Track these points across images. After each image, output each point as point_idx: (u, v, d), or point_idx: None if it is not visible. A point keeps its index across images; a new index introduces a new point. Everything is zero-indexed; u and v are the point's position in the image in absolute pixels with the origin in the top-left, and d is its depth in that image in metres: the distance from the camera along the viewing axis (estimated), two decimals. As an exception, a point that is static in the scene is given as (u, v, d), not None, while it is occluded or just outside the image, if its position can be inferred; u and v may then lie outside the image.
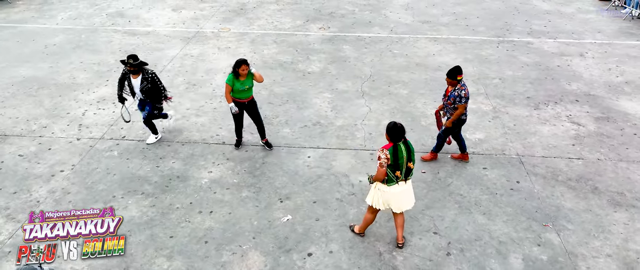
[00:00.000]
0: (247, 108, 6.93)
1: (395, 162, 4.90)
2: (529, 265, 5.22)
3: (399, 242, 5.42)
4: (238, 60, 6.62)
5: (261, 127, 7.12)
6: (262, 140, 7.21)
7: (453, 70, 6.35)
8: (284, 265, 5.19)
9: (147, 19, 12.85)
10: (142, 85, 6.87)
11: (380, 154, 4.92)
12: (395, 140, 4.92)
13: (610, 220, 5.88)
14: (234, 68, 6.62)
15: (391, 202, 5.13)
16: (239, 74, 6.60)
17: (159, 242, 5.48)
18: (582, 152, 7.24)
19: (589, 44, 11.52)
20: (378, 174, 4.95)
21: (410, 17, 13.26)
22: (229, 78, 6.66)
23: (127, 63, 6.75)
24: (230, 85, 6.64)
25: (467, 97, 6.31)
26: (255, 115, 7.01)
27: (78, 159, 6.93)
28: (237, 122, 7.03)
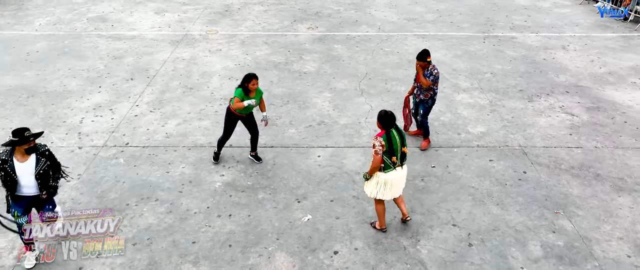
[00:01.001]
0: (246, 120, 6.60)
1: (390, 148, 5.10)
2: (547, 252, 5.41)
3: (406, 216, 5.66)
4: (248, 74, 6.19)
5: (256, 139, 6.78)
6: (252, 152, 6.88)
7: (423, 53, 6.72)
8: (312, 264, 5.21)
9: (131, 23, 12.58)
10: (39, 165, 4.89)
11: (374, 142, 5.09)
12: (387, 128, 5.12)
13: (616, 205, 6.15)
14: (243, 83, 6.19)
15: (393, 188, 5.29)
16: (249, 89, 6.20)
17: (182, 248, 5.41)
18: (580, 141, 7.53)
19: (569, 37, 11.96)
20: (374, 163, 5.12)
21: (396, 15, 13.44)
22: (238, 92, 6.20)
23: (22, 140, 4.72)
24: (240, 98, 6.19)
25: (438, 76, 6.84)
26: (253, 126, 6.66)
27: (83, 168, 6.75)
28: (228, 134, 6.62)
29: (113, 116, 8.06)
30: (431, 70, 6.79)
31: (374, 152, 5.09)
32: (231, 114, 6.46)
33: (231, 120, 6.53)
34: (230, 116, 6.50)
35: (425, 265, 5.22)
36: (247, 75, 6.21)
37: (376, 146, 5.07)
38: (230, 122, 6.55)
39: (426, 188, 6.42)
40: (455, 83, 9.41)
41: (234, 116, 6.46)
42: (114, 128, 7.73)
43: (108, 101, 8.55)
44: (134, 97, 8.69)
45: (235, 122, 6.54)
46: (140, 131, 7.64)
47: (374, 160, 5.12)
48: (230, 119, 6.53)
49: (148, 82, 9.27)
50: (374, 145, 5.08)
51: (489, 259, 5.31)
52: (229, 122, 6.55)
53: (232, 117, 6.49)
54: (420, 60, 6.75)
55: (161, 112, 8.20)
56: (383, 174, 5.21)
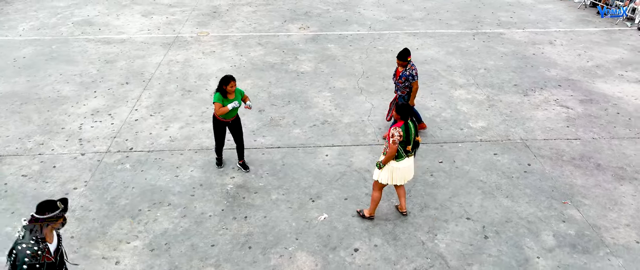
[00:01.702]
0: (232, 126, 6.39)
1: (407, 138, 5.27)
2: (560, 241, 5.56)
3: (404, 210, 5.83)
4: (226, 76, 6.00)
5: (241, 147, 6.58)
6: (239, 161, 6.68)
7: (403, 52, 6.89)
8: (334, 263, 5.24)
9: (119, 26, 12.35)
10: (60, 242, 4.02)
11: (394, 132, 5.21)
12: (405, 118, 5.27)
13: (619, 193, 6.37)
14: (221, 85, 5.99)
15: (403, 176, 5.47)
16: (227, 91, 6.01)
17: (202, 251, 5.36)
18: (578, 133, 7.76)
19: (555, 32, 12.29)
20: (391, 152, 5.25)
21: (384, 14, 13.56)
22: (216, 97, 6.05)
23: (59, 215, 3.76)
24: (221, 103, 6.05)
25: (417, 75, 6.99)
26: (238, 133, 6.47)
27: (89, 174, 6.62)
28: (220, 141, 6.51)
29: (113, 121, 7.92)
30: (410, 70, 6.91)
31: (392, 142, 5.21)
32: (216, 121, 6.31)
33: (218, 127, 6.36)
34: (216, 123, 6.34)
35: (444, 259, 5.30)
36: (225, 77, 6.00)
37: (395, 136, 5.20)
38: (217, 129, 6.39)
39: (436, 183, 6.52)
40: (452, 80, 9.56)
41: (220, 122, 6.29)
42: (115, 133, 7.59)
43: (106, 106, 8.39)
44: (132, 102, 8.55)
45: (223, 128, 6.37)
46: (143, 136, 7.53)
47: (391, 149, 5.24)
48: (216, 126, 6.37)
49: (144, 86, 9.13)
50: (393, 135, 5.21)
51: (505, 250, 5.43)
52: (216, 130, 6.40)
53: (219, 124, 6.32)
54: (401, 60, 6.90)
55: (162, 116, 8.09)
56: (395, 162, 5.36)
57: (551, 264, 5.24)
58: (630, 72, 10.04)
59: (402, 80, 7.00)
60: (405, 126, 5.26)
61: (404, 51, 6.90)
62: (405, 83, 7.01)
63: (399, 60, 6.94)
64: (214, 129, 6.44)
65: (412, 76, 6.93)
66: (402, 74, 6.97)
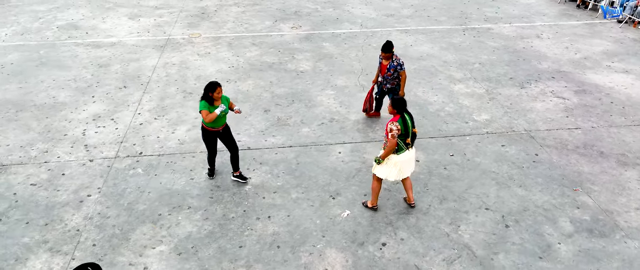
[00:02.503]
0: (222, 135, 6.10)
1: (405, 131, 5.36)
2: (577, 226, 5.76)
3: (412, 202, 5.95)
4: (212, 83, 5.68)
5: (236, 157, 6.27)
6: (235, 172, 6.39)
7: (387, 45, 7.08)
8: (364, 258, 5.29)
9: (106, 29, 12.07)
10: None
11: (391, 126, 5.30)
12: (401, 112, 5.36)
13: (625, 179, 6.63)
14: (207, 92, 5.69)
15: (403, 169, 5.56)
16: (214, 98, 5.72)
17: (231, 253, 5.32)
18: (577, 122, 8.03)
19: (540, 26, 12.65)
20: (390, 146, 5.33)
21: (374, 12, 13.68)
22: (203, 105, 5.73)
23: None
24: (208, 110, 5.76)
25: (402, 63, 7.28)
26: (230, 141, 6.17)
27: (101, 181, 6.47)
28: (212, 151, 6.23)
29: (117, 126, 7.75)
30: (397, 60, 7.20)
31: (391, 136, 5.29)
32: (206, 132, 6.00)
33: (209, 138, 6.07)
34: (206, 134, 6.03)
35: (471, 249, 5.42)
36: (210, 83, 5.68)
37: (393, 130, 5.28)
38: (208, 140, 6.09)
39: (451, 176, 6.64)
40: (449, 75, 9.74)
41: (210, 132, 5.99)
42: (121, 138, 7.43)
43: (107, 111, 8.20)
44: (133, 106, 8.39)
45: (214, 138, 6.09)
46: (150, 139, 7.40)
47: (390, 143, 5.32)
48: (207, 137, 6.06)
49: (143, 89, 8.96)
50: (392, 130, 5.29)
51: (527, 237, 5.59)
52: (207, 140, 6.10)
53: (209, 134, 6.02)
54: (386, 52, 7.08)
55: (167, 119, 7.97)
56: (396, 156, 5.46)
57: (572, 249, 5.42)
58: (616, 62, 10.44)
59: (392, 71, 7.23)
60: (402, 119, 5.34)
61: (388, 43, 7.08)
62: (394, 74, 7.26)
63: (384, 52, 7.13)
64: (204, 140, 6.13)
65: (400, 66, 7.20)
66: (390, 65, 7.19)
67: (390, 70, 7.23)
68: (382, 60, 7.30)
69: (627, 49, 11.23)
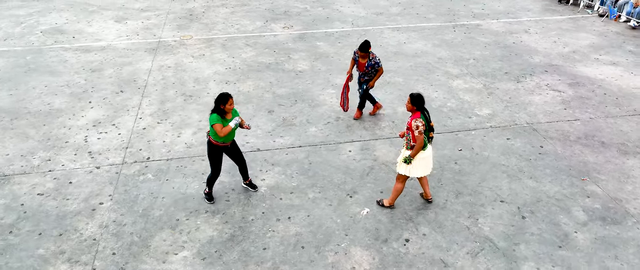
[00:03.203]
0: (230, 150, 5.82)
1: (428, 126, 5.41)
2: (590, 215, 5.92)
3: (429, 197, 6.03)
4: (223, 94, 5.36)
5: (245, 167, 6.06)
6: (245, 181, 6.19)
7: (365, 44, 7.24)
8: (390, 254, 5.31)
9: (93, 33, 11.77)
10: None
11: (417, 123, 5.32)
12: (421, 108, 5.39)
13: (628, 167, 6.85)
14: (218, 105, 5.36)
15: (428, 164, 5.61)
16: (226, 111, 5.41)
17: (255, 255, 5.27)
18: (575, 114, 8.25)
19: (527, 22, 12.94)
20: (419, 143, 5.35)
21: (363, 10, 13.74)
22: (214, 118, 5.39)
23: None
24: (221, 123, 5.42)
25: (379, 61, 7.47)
26: (238, 155, 5.93)
27: (111, 188, 6.30)
28: (217, 169, 5.79)
29: (119, 131, 7.57)
30: (374, 59, 7.38)
31: (418, 132, 5.31)
32: (213, 147, 5.61)
33: (215, 154, 5.66)
34: (213, 149, 5.62)
35: (492, 241, 5.50)
36: (221, 95, 5.36)
37: (420, 127, 5.30)
38: (215, 156, 5.67)
39: (462, 170, 6.74)
40: (446, 71, 9.86)
41: (218, 148, 5.62)
42: (126, 144, 7.26)
43: (106, 116, 8.00)
44: (133, 110, 8.21)
45: (221, 154, 5.70)
46: (156, 144, 7.26)
47: (418, 140, 5.34)
48: (214, 153, 5.65)
49: (141, 93, 8.78)
50: (418, 127, 5.30)
51: (544, 227, 5.71)
52: (214, 157, 5.68)
53: (216, 150, 5.63)
54: (364, 51, 7.26)
55: (170, 123, 7.83)
56: (423, 152, 5.49)
57: (589, 237, 5.57)
58: (603, 55, 10.76)
59: (369, 69, 7.43)
60: (423, 115, 5.40)
61: (365, 43, 7.24)
62: (371, 71, 7.47)
63: (361, 52, 7.29)
64: (210, 156, 5.67)
65: (377, 64, 7.40)
66: (368, 64, 7.38)
67: (368, 68, 7.43)
68: (359, 59, 7.46)
69: (612, 42, 11.60)
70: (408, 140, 5.50)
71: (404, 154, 5.58)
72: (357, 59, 7.52)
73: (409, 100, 5.45)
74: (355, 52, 7.51)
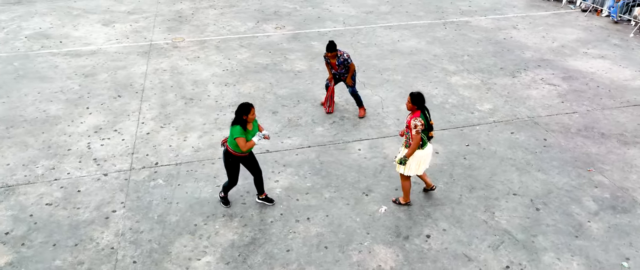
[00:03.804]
0: (247, 160, 5.67)
1: (427, 125, 5.43)
2: (600, 204, 6.08)
3: (432, 185, 6.13)
4: (245, 104, 5.19)
5: (261, 179, 5.86)
6: (261, 195, 5.99)
7: (331, 45, 7.43)
8: (414, 251, 5.34)
9: (81, 37, 11.48)
10: None
11: (416, 122, 5.33)
12: (422, 107, 5.41)
13: (630, 157, 7.06)
14: (240, 115, 5.20)
15: (424, 163, 5.64)
16: (247, 121, 5.26)
17: (280, 258, 5.23)
18: (573, 107, 8.46)
19: (514, 18, 13.21)
20: (415, 142, 5.38)
21: (352, 9, 13.78)
22: (238, 131, 5.22)
23: None
24: (244, 137, 5.27)
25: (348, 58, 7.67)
26: (255, 166, 5.76)
27: (122, 195, 6.16)
28: (234, 179, 5.66)
29: (123, 137, 7.41)
30: (342, 56, 7.58)
31: (416, 132, 5.33)
32: (230, 156, 5.47)
33: (233, 164, 5.53)
34: (229, 159, 5.49)
35: (510, 233, 5.60)
36: (243, 105, 5.20)
37: (418, 126, 5.32)
38: (232, 166, 5.55)
39: (472, 165, 6.83)
40: (443, 67, 9.98)
41: (235, 157, 5.49)
42: (131, 149, 7.11)
43: (107, 122, 7.82)
44: (133, 115, 8.04)
45: (238, 163, 5.58)
46: (162, 149, 7.13)
47: (415, 139, 5.36)
48: (230, 163, 5.52)
49: (140, 98, 8.61)
50: (416, 126, 5.32)
51: (559, 218, 5.84)
52: (231, 167, 5.55)
53: (233, 159, 5.50)
54: (330, 52, 7.43)
55: (174, 127, 7.70)
56: (420, 150, 5.52)
57: (602, 226, 5.72)
58: (591, 49, 11.07)
59: (341, 67, 7.65)
60: (423, 114, 5.43)
61: (332, 44, 7.43)
62: (344, 69, 7.69)
63: (329, 53, 7.47)
64: (228, 166, 5.54)
65: (346, 61, 7.61)
66: (338, 62, 7.61)
67: (340, 66, 7.65)
68: (330, 59, 7.64)
69: (597, 36, 11.93)
70: (408, 139, 5.53)
71: (402, 153, 5.61)
72: (328, 61, 7.70)
73: (409, 99, 5.43)
74: (324, 56, 7.71)
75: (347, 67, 7.68)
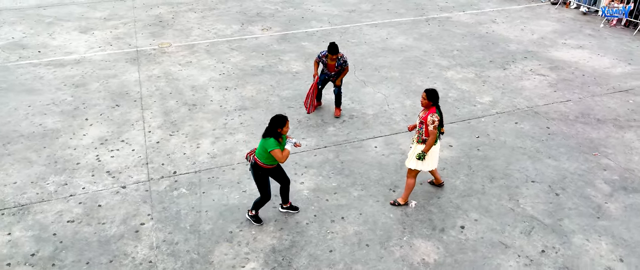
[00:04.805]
0: (276, 171, 5.52)
1: (441, 121, 5.58)
2: (612, 186, 6.43)
3: (441, 181, 6.31)
4: (280, 117, 5.09)
5: (288, 189, 5.75)
6: (285, 204, 5.88)
7: (334, 46, 7.43)
8: (452, 242, 5.47)
9: (60, 46, 10.98)
10: None
11: (433, 118, 5.46)
12: (436, 103, 5.54)
13: (628, 140, 7.49)
14: (275, 129, 5.08)
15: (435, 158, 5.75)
16: (282, 134, 5.17)
17: (324, 259, 5.23)
18: (566, 95, 8.88)
19: (490, 12, 13.67)
20: (433, 137, 5.51)
21: (335, 9, 13.86)
22: (272, 143, 5.08)
23: None
24: (279, 148, 5.13)
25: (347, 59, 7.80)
26: (283, 175, 5.63)
27: (147, 207, 5.97)
28: (268, 193, 5.48)
29: (132, 147, 7.16)
30: (342, 58, 7.65)
31: (433, 127, 5.45)
32: (262, 170, 5.30)
33: (265, 178, 5.38)
34: (262, 172, 5.32)
35: (537, 219, 5.83)
36: (279, 118, 5.09)
37: (436, 121, 5.45)
38: (264, 180, 5.39)
39: (487, 156, 7.05)
40: (436, 63, 10.22)
41: (267, 170, 5.35)
42: (145, 159, 6.89)
43: (111, 133, 7.54)
44: (138, 124, 7.79)
45: (268, 176, 5.44)
46: (177, 157, 6.95)
47: (432, 134, 5.47)
48: (263, 177, 5.36)
49: (140, 106, 8.35)
50: (434, 121, 5.44)
51: (578, 201, 6.13)
52: (262, 181, 5.38)
53: (265, 173, 5.35)
54: (333, 53, 7.44)
55: (183, 134, 7.52)
56: (434, 145, 5.66)
57: (619, 206, 6.06)
58: (569, 40, 11.63)
59: (338, 68, 7.71)
60: (438, 110, 5.58)
61: (334, 45, 7.43)
62: (340, 71, 7.75)
63: (331, 54, 7.46)
64: (259, 180, 5.36)
65: (345, 62, 7.68)
66: (337, 64, 7.64)
67: (338, 67, 7.70)
68: (329, 61, 7.64)
69: (571, 27, 12.55)
70: (420, 134, 5.61)
71: (416, 149, 5.68)
72: (325, 62, 7.70)
73: (424, 96, 5.50)
74: (321, 55, 7.71)
75: (343, 69, 7.74)
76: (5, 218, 5.77)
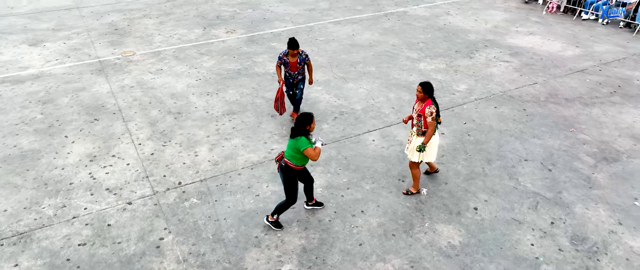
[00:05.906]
0: (303, 173, 5.56)
1: (438, 112, 5.84)
2: (594, 158, 7.02)
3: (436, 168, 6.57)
4: (307, 114, 5.13)
5: (312, 187, 5.78)
6: (311, 202, 5.91)
7: (293, 42, 7.20)
8: (471, 224, 5.75)
9: (11, 60, 10.17)
10: None
11: (431, 109, 5.68)
12: (431, 95, 5.77)
13: (595, 115, 8.19)
14: (304, 125, 5.09)
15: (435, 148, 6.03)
16: (309, 131, 5.20)
17: (356, 253, 5.31)
18: (532, 79, 9.52)
19: (443, 5, 14.30)
20: (432, 129, 5.76)
21: (294, 8, 13.88)
22: (304, 142, 5.08)
23: None
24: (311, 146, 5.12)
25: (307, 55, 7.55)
26: (308, 175, 5.66)
27: (161, 221, 5.74)
28: (294, 196, 5.45)
29: (126, 162, 6.84)
30: (303, 53, 7.43)
31: (432, 118, 5.66)
32: (292, 172, 5.29)
33: (295, 180, 5.37)
34: (292, 174, 5.30)
35: (540, 194, 6.26)
36: (306, 115, 5.12)
37: (433, 113, 5.67)
38: (295, 183, 5.37)
39: (478, 140, 7.44)
40: (407, 56, 10.57)
41: (297, 172, 5.35)
42: (144, 173, 6.60)
43: (98, 148, 7.14)
44: (124, 137, 7.43)
45: (297, 179, 5.44)
46: (177, 167, 6.73)
47: (431, 126, 5.69)
48: (294, 179, 5.34)
49: (121, 118, 7.96)
50: (432, 113, 5.66)
51: (569, 174, 6.65)
52: (294, 184, 5.36)
53: (296, 175, 5.35)
54: (294, 49, 7.19)
55: (177, 144, 7.28)
56: (434, 136, 5.94)
57: (605, 176, 6.64)
58: (520, 28, 12.44)
59: (301, 65, 7.44)
60: (434, 102, 5.84)
61: (294, 41, 7.19)
62: (303, 67, 7.49)
63: (292, 50, 7.21)
64: (289, 184, 5.32)
65: (307, 57, 7.46)
66: (300, 60, 7.39)
67: (301, 64, 7.43)
68: (290, 58, 7.40)
69: (518, 15, 13.42)
70: (419, 127, 5.83)
71: (417, 141, 5.87)
72: (286, 60, 7.39)
73: (420, 89, 5.67)
74: (281, 56, 7.40)
75: (305, 65, 7.51)
76: (7, 249, 5.33)
